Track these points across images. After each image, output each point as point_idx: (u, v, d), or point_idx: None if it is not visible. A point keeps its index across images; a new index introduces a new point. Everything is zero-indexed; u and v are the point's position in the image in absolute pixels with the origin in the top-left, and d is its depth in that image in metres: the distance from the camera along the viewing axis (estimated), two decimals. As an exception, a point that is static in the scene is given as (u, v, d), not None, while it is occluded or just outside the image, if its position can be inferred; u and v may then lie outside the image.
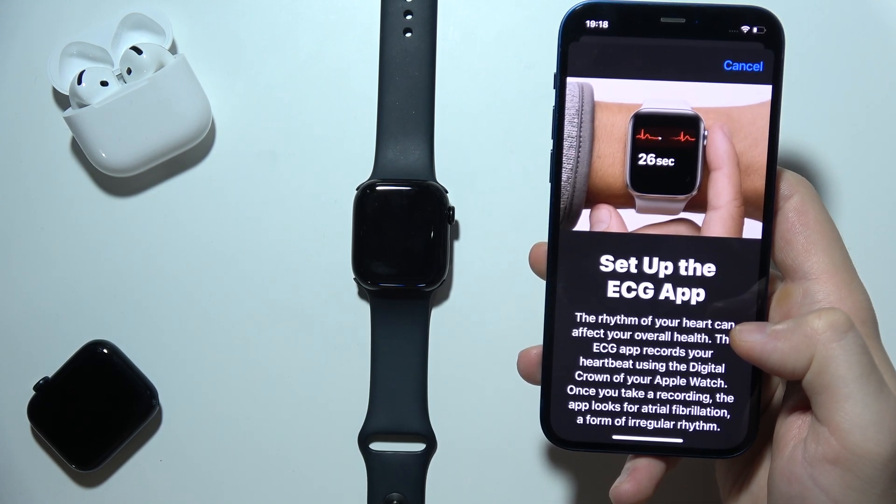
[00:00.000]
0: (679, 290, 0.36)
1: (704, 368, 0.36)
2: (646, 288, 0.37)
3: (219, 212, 0.49)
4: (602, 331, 0.37)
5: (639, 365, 0.37)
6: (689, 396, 0.37)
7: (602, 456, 0.40)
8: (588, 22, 0.36)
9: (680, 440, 0.37)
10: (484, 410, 0.48)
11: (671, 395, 0.37)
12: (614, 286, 0.37)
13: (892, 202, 0.48)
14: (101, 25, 0.48)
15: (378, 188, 0.47)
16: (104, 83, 0.47)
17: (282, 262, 0.49)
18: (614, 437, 0.37)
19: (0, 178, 0.49)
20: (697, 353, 0.36)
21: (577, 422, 0.37)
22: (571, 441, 0.37)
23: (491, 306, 0.48)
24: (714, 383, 0.36)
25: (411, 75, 0.48)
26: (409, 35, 0.48)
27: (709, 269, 0.36)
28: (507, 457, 0.48)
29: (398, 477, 0.48)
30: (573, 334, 0.37)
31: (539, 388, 0.38)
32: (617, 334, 0.37)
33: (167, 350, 0.49)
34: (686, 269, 0.36)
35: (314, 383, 0.49)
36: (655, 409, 0.37)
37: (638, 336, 0.37)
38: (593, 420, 0.37)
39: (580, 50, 0.36)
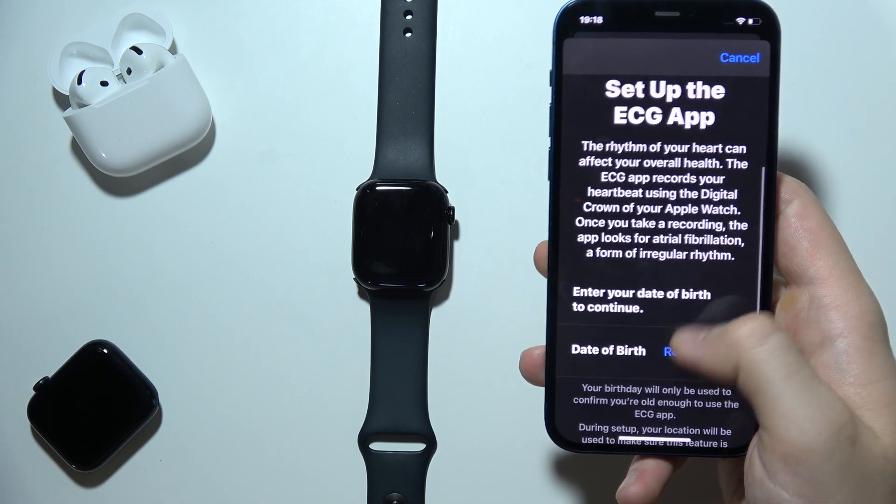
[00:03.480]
0: (688, 114, 0.36)
1: (716, 195, 0.36)
2: (654, 113, 0.36)
3: (219, 212, 0.49)
4: (610, 159, 0.36)
5: (649, 193, 0.36)
6: (701, 224, 0.36)
7: (605, 456, 0.40)
8: (582, 18, 0.35)
9: (688, 434, 0.36)
10: (484, 410, 0.48)
11: (683, 224, 0.36)
12: (621, 112, 0.36)
13: (893, 203, 0.48)
14: (101, 25, 0.48)
15: (378, 188, 0.47)
16: (104, 83, 0.47)
17: (282, 262, 0.49)
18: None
19: (0, 178, 0.49)
20: (708, 179, 0.36)
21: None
22: (577, 442, 0.37)
23: (491, 306, 0.48)
24: (727, 210, 0.36)
25: (411, 75, 0.48)
26: (409, 35, 0.48)
27: (717, 92, 0.36)
28: (508, 456, 0.48)
29: (398, 477, 0.48)
30: (580, 164, 0.36)
31: (540, 389, 0.38)
32: (625, 162, 0.36)
33: (167, 350, 0.49)
34: (695, 91, 0.36)
35: (314, 383, 0.49)
36: (667, 239, 0.36)
37: (647, 164, 0.36)
38: (604, 256, 0.36)
39: (575, 46, 0.36)
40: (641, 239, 0.36)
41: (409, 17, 0.48)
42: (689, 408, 0.37)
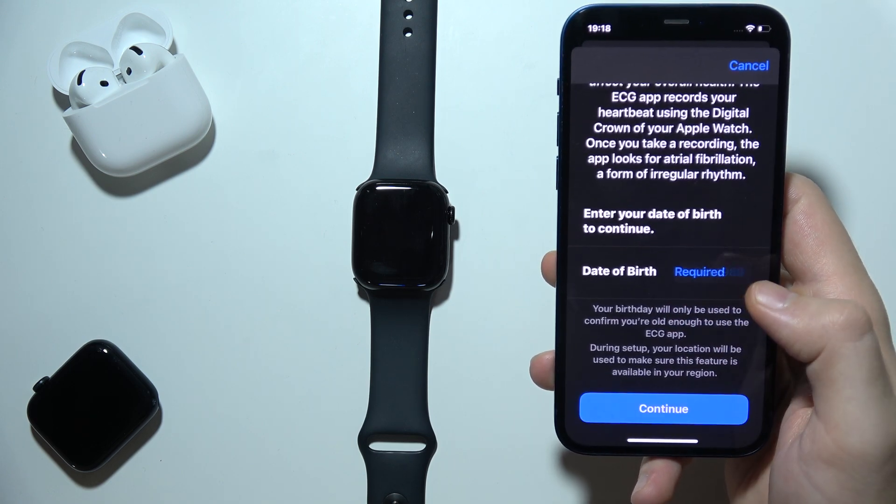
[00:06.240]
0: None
1: (728, 113, 0.36)
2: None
3: (219, 212, 0.49)
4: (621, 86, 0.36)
5: (659, 113, 0.36)
6: (712, 144, 0.36)
7: (608, 456, 0.40)
8: (590, 27, 0.35)
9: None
10: (484, 410, 0.48)
11: (694, 144, 0.36)
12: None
13: (894, 203, 0.48)
14: (101, 25, 0.48)
15: (378, 188, 0.47)
16: (104, 83, 0.47)
17: (282, 262, 0.49)
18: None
19: (0, 178, 0.49)
20: (720, 98, 0.36)
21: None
22: (586, 444, 0.37)
23: (491, 306, 0.48)
24: (738, 129, 0.36)
25: (411, 75, 0.48)
26: (409, 35, 0.48)
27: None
28: (508, 456, 0.48)
29: (398, 477, 0.48)
30: (591, 85, 0.36)
31: (540, 389, 0.38)
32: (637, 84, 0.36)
33: (167, 350, 0.49)
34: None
35: (314, 383, 0.49)
36: (678, 159, 0.36)
37: (658, 84, 0.36)
38: (615, 177, 0.36)
39: (583, 55, 0.35)
40: (652, 160, 0.36)
41: (409, 17, 0.48)
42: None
